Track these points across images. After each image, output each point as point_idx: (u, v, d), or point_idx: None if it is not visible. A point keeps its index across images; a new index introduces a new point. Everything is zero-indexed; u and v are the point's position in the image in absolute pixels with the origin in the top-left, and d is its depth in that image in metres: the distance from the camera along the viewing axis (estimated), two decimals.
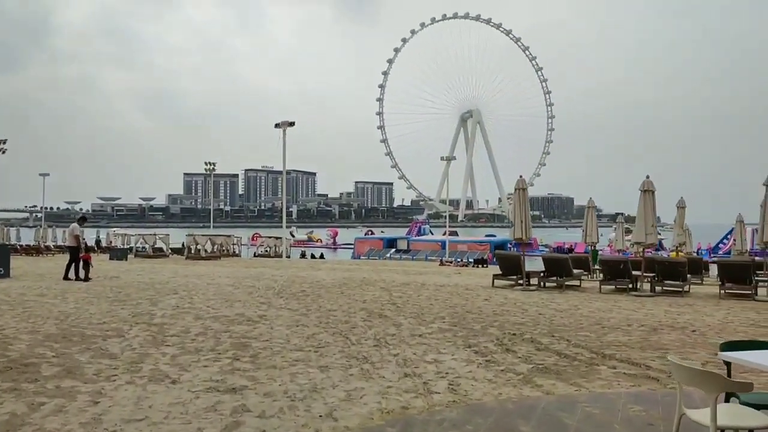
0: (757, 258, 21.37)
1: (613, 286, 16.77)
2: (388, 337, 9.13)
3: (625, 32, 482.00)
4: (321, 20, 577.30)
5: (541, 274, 17.49)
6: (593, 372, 7.00)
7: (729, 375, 4.27)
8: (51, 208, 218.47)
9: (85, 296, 13.98)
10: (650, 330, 10.01)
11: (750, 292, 15.20)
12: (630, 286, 16.23)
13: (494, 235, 76.83)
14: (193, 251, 47.95)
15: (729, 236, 55.27)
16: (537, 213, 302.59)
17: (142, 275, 20.71)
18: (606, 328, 10.12)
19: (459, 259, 47.26)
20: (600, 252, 28.58)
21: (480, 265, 42.44)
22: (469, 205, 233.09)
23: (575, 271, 17.74)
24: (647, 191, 15.77)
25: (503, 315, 11.70)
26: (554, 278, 17.34)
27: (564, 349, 8.32)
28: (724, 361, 4.31)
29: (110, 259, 36.22)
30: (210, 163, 63.92)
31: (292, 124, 35.63)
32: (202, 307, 12.36)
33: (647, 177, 15.92)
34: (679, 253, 31.04)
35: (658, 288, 16.43)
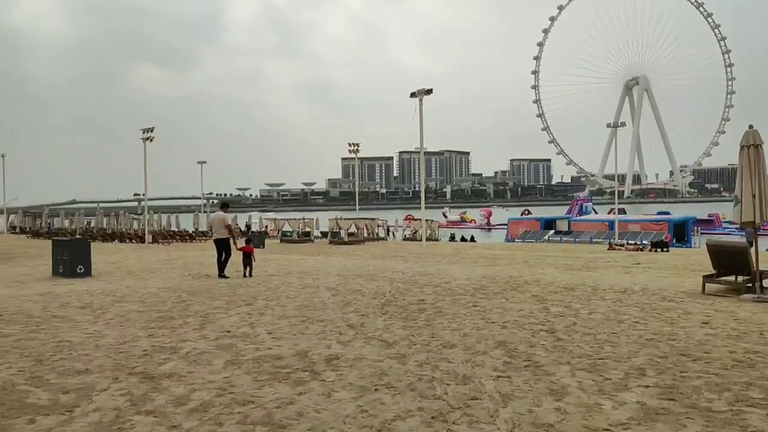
0: None
1: None
2: None
3: None
4: None
5: None
6: None
7: None
8: (224, 194, 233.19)
9: (121, 313, 10.64)
10: None
11: None
12: None
13: (668, 212, 67.54)
14: (336, 235, 46.07)
15: None
16: (716, 186, 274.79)
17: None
18: None
19: (633, 242, 40.51)
20: None
21: (659, 249, 35.40)
22: (636, 179, 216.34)
23: None
24: None
25: (755, 367, 6.41)
26: None
27: None
28: None
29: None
30: (354, 144, 62.26)
31: (429, 91, 31.33)
32: (260, 333, 8.37)
33: None
34: None
35: None
